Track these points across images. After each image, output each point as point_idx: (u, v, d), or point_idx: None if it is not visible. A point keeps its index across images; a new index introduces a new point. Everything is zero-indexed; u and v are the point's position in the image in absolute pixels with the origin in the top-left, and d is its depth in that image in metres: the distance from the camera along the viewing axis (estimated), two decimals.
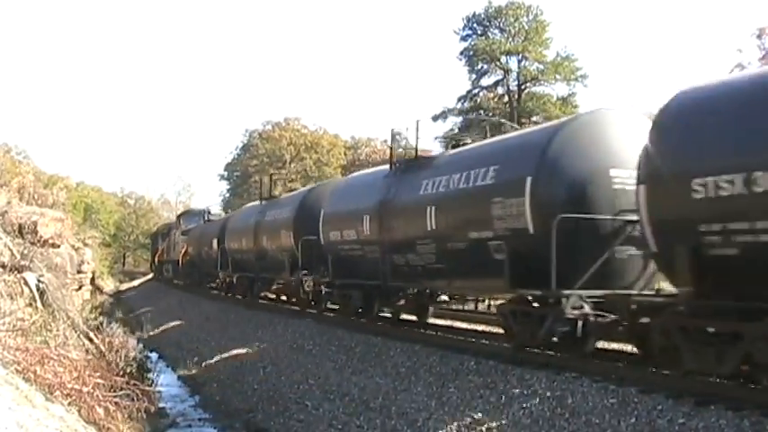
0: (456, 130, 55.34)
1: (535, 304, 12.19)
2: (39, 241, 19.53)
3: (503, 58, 53.38)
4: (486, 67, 54.23)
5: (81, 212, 68.61)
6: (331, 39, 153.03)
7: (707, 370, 9.00)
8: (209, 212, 43.31)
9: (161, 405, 14.82)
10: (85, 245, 38.88)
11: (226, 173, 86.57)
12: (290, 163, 74.77)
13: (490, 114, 55.27)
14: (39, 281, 15.25)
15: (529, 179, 11.41)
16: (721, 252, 8.52)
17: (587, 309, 10.65)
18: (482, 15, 54.25)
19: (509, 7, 53.29)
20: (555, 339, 11.59)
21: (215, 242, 32.68)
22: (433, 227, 13.80)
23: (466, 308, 18.46)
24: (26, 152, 67.65)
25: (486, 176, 12.52)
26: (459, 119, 56.00)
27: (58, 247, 22.65)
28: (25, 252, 16.42)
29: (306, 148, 75.30)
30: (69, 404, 9.74)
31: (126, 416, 11.40)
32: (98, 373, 11.96)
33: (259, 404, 14.40)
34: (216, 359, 19.27)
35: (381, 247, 16.01)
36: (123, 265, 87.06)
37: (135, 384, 12.73)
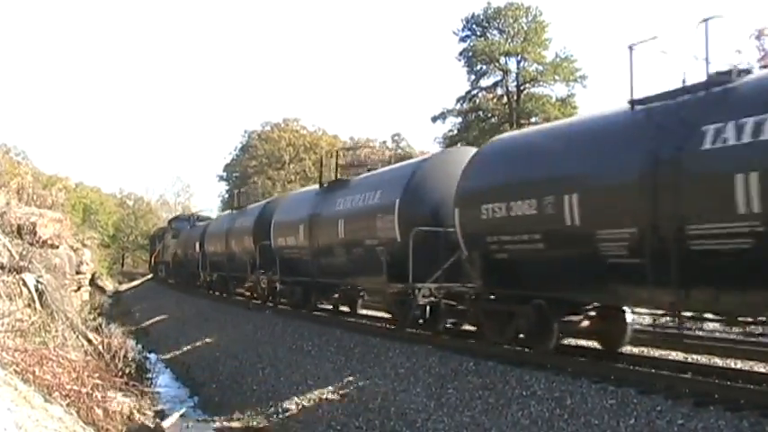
0: (455, 131, 55.42)
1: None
2: (38, 242, 19.55)
3: (502, 59, 53.35)
4: (485, 67, 54.20)
5: (80, 213, 68.64)
6: (330, 39, 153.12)
7: (495, 339, 12.65)
8: (197, 218, 47.72)
9: (160, 406, 14.82)
10: (84, 246, 38.91)
11: (225, 174, 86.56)
12: (289, 164, 74.81)
13: (489, 116, 55.32)
14: (37, 282, 15.26)
15: (398, 201, 15.38)
16: (498, 256, 12.19)
17: (434, 298, 14.03)
18: (481, 16, 54.25)
19: (508, 8, 53.27)
20: (420, 321, 15.31)
21: (197, 245, 36.57)
22: (343, 235, 17.74)
23: None
24: (25, 153, 67.82)
25: (374, 198, 16.58)
26: (459, 119, 56.04)
27: (57, 247, 22.65)
28: (24, 253, 16.43)
29: (305, 149, 75.32)
30: (68, 405, 9.75)
31: (125, 417, 11.40)
32: (97, 374, 11.97)
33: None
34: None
35: (312, 251, 19.92)
36: (122, 265, 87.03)
37: (134, 385, 12.76)
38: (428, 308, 14.76)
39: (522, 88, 53.69)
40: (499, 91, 55.27)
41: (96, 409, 10.53)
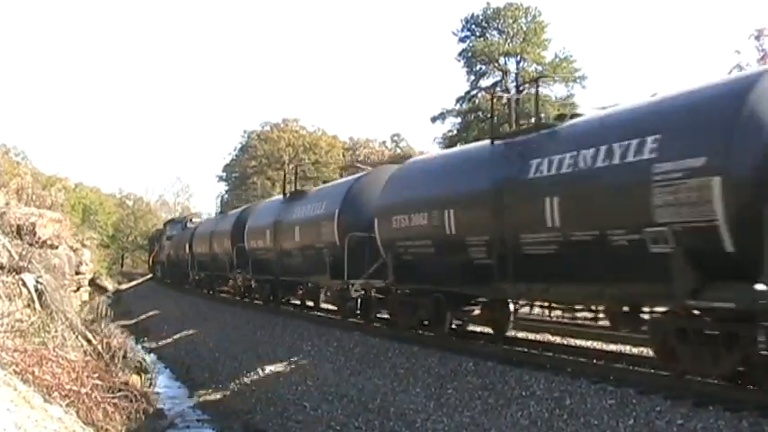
0: (455, 132, 55.39)
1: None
2: (37, 242, 19.55)
3: (501, 60, 53.32)
4: (484, 68, 54.17)
5: (79, 213, 68.59)
6: (329, 40, 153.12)
7: (407, 324, 15.40)
8: (190, 220, 50.20)
9: (159, 406, 14.82)
10: (84, 246, 38.93)
11: (224, 174, 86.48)
12: (288, 164, 74.80)
13: (489, 116, 55.27)
14: (37, 282, 15.25)
15: (337, 210, 18.10)
16: (405, 258, 14.81)
17: (364, 292, 16.57)
18: (480, 17, 54.21)
19: (507, 8, 53.25)
20: (357, 312, 18.24)
21: (187, 246, 39.09)
22: (298, 239, 20.85)
23: None
24: (25, 153, 67.86)
25: (321, 208, 19.43)
26: (458, 120, 56.02)
27: (57, 248, 22.67)
28: (23, 253, 16.42)
29: (304, 149, 75.28)
30: (68, 405, 9.75)
31: (125, 417, 11.39)
32: (96, 374, 11.97)
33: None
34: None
35: (276, 253, 22.82)
36: (122, 266, 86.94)
37: (133, 385, 12.75)
38: (359, 300, 17.64)
39: (521, 89, 53.67)
40: (498, 91, 55.22)
41: (96, 410, 10.53)
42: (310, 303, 23.79)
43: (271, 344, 18.74)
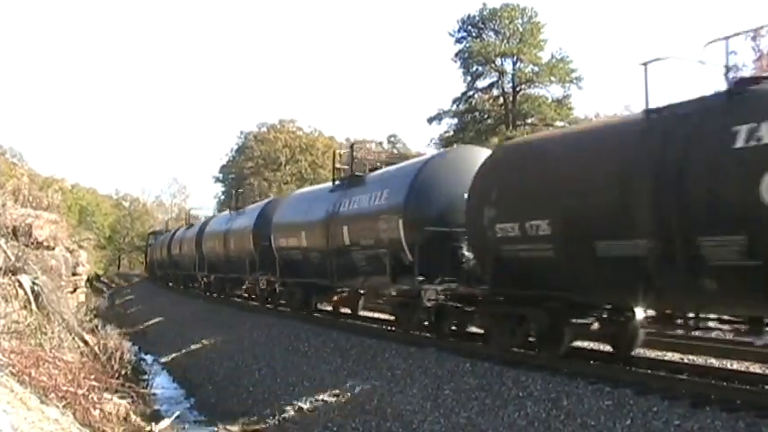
0: (451, 132, 55.40)
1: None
2: (33, 243, 19.46)
3: (498, 60, 53.38)
4: (480, 68, 54.22)
5: (76, 215, 68.47)
6: (326, 40, 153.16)
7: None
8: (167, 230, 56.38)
9: (156, 407, 14.80)
10: (81, 247, 38.73)
11: (221, 175, 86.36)
12: (285, 165, 74.70)
13: (485, 117, 55.30)
14: (34, 283, 15.20)
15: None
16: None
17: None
18: (477, 17, 54.27)
19: (504, 9, 53.30)
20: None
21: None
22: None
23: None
24: (21, 154, 67.59)
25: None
26: (455, 121, 56.04)
27: (53, 249, 22.55)
28: (20, 254, 16.36)
29: (301, 150, 75.20)
30: (64, 406, 9.71)
31: (121, 418, 11.37)
32: (93, 376, 11.94)
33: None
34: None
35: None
36: (118, 267, 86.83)
37: (130, 386, 12.73)
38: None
39: (518, 89, 53.71)
40: (495, 92, 55.29)
41: (92, 411, 10.49)
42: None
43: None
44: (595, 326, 11.71)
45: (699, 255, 8.62)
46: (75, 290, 30.05)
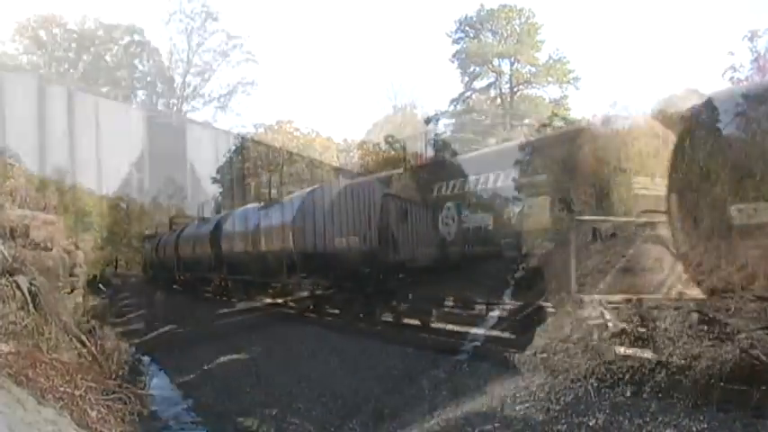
0: (448, 133, 55.44)
1: None
2: (31, 244, 19.45)
3: (495, 61, 53.45)
4: (478, 69, 54.27)
5: (73, 215, 68.28)
6: (324, 41, 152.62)
7: None
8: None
9: (154, 408, 14.77)
10: (78, 248, 38.72)
11: (218, 176, 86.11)
12: (282, 166, 74.58)
13: (483, 117, 55.35)
14: (31, 284, 15.16)
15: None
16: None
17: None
18: (474, 18, 54.32)
19: (501, 10, 53.35)
20: None
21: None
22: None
23: None
24: (18, 155, 67.34)
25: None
26: (452, 121, 56.12)
27: (51, 250, 22.54)
28: (17, 255, 16.34)
29: (298, 151, 75.04)
30: (61, 408, 9.70)
31: (119, 419, 11.35)
32: (90, 377, 11.93)
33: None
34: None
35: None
36: (116, 267, 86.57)
37: (128, 387, 12.71)
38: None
39: (515, 90, 53.78)
40: (492, 93, 55.36)
41: (90, 412, 10.48)
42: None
43: None
44: None
45: None
46: (72, 291, 30.06)
